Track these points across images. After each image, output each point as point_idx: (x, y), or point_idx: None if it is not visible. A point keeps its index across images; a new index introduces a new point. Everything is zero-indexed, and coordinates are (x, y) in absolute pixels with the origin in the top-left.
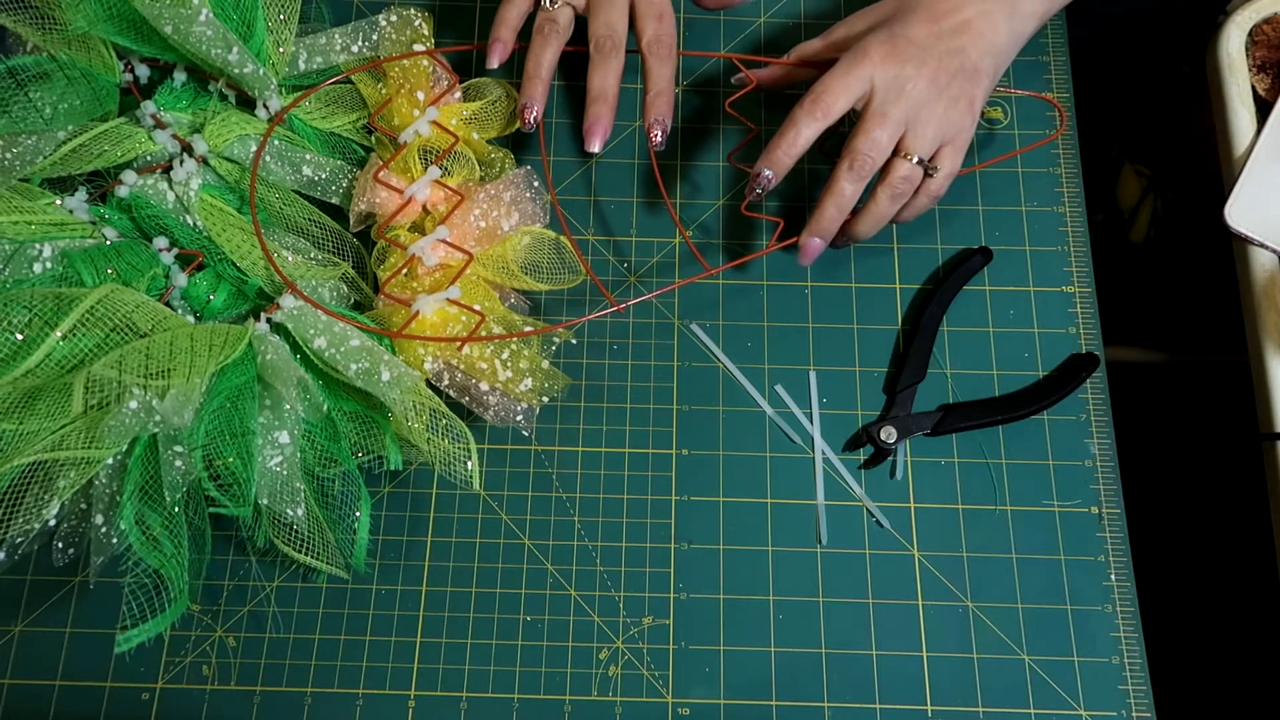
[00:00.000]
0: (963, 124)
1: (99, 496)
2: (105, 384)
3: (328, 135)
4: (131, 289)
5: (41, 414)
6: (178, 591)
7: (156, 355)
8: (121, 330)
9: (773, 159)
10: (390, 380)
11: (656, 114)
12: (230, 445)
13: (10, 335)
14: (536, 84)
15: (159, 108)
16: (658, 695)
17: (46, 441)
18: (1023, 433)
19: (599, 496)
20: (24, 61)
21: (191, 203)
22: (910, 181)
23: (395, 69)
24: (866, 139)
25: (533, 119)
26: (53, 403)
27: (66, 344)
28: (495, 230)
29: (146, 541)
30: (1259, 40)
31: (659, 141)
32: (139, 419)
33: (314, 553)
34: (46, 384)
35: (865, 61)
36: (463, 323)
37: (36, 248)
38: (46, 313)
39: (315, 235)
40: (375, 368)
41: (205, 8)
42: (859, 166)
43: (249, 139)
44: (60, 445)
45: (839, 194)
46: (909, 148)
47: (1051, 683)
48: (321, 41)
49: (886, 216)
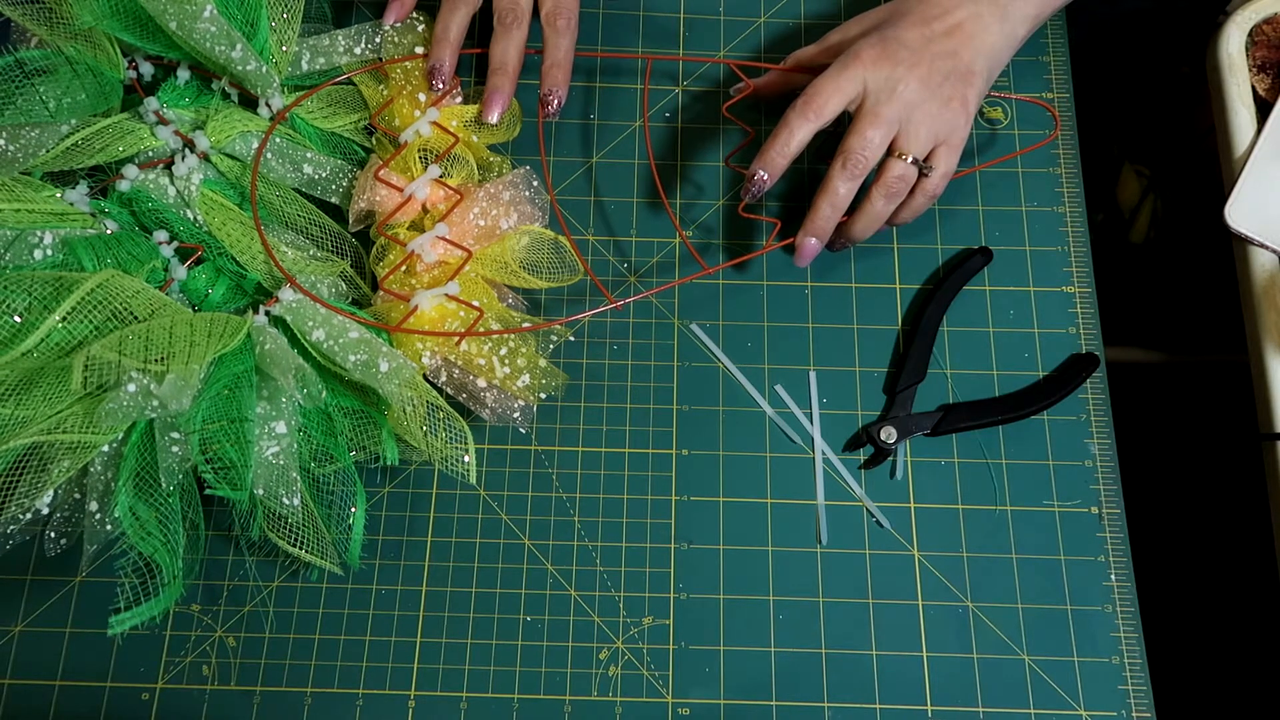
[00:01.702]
0: (956, 124)
1: (93, 485)
2: (105, 366)
3: (329, 135)
4: (131, 276)
5: (38, 398)
6: (170, 577)
7: (156, 340)
8: (120, 316)
9: (767, 160)
10: (388, 372)
11: (551, 84)
12: (227, 431)
13: (9, 318)
14: (444, 46)
15: (162, 104)
16: (658, 695)
17: (43, 425)
18: (1023, 433)
19: (599, 496)
20: (31, 54)
21: (192, 197)
22: (905, 181)
23: (397, 71)
24: (859, 138)
25: (441, 83)
26: (50, 387)
27: (65, 327)
28: (494, 229)
29: (140, 529)
30: (1259, 40)
31: (553, 112)
32: (137, 402)
33: (309, 547)
34: (44, 368)
35: (857, 63)
36: (461, 318)
37: (38, 235)
38: (46, 296)
39: (314, 235)
40: (374, 360)
41: (210, 5)
42: (852, 165)
43: (250, 136)
44: (57, 429)
45: (833, 193)
46: (902, 147)
47: (1051, 683)
48: (325, 43)
49: (882, 217)
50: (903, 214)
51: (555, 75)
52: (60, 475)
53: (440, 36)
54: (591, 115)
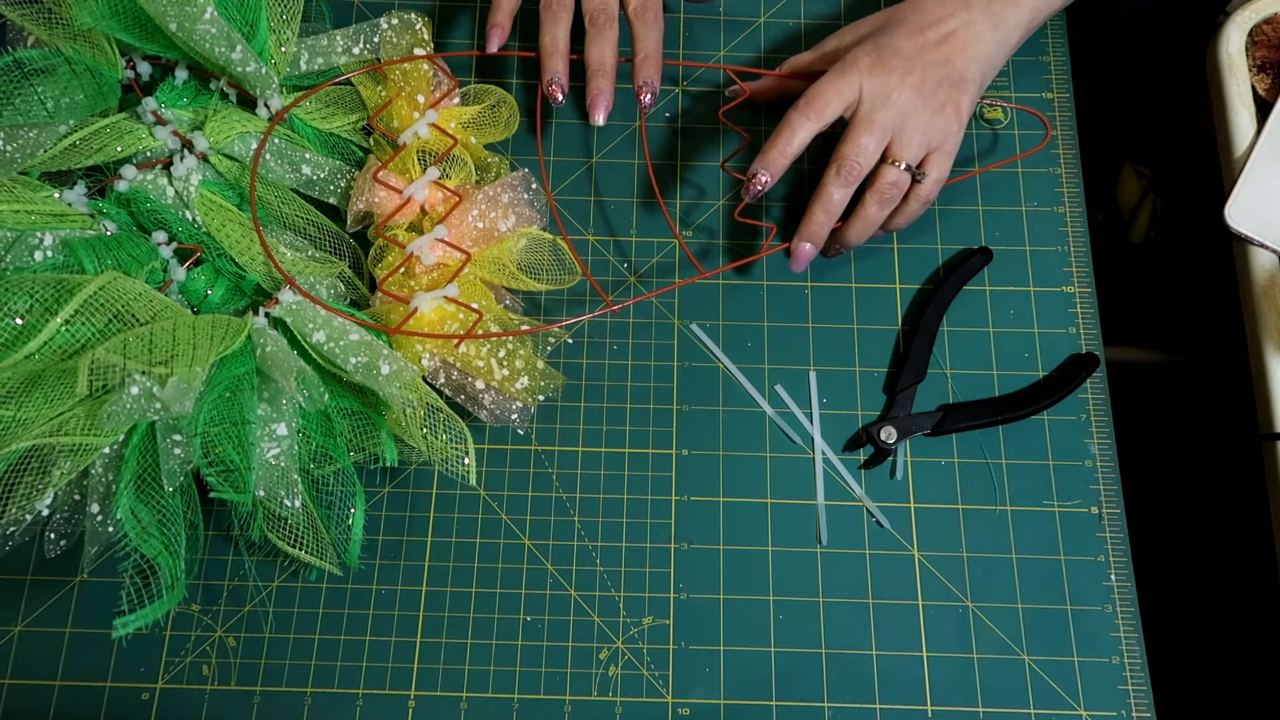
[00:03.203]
0: (949, 130)
1: (94, 486)
2: (109, 369)
3: (327, 136)
4: (132, 278)
5: (40, 401)
6: (173, 579)
7: (159, 343)
8: (122, 318)
9: (768, 160)
10: (389, 374)
11: (645, 77)
12: (229, 434)
13: (10, 320)
14: (556, 59)
15: (160, 104)
16: (658, 695)
17: (45, 427)
18: (1023, 433)
19: (599, 496)
20: (29, 54)
21: (191, 198)
22: (898, 187)
23: (395, 72)
24: (854, 145)
25: (562, 95)
26: (51, 390)
27: (67, 330)
28: (493, 231)
29: (142, 530)
30: (1259, 40)
31: (648, 103)
32: (140, 405)
33: (308, 548)
34: (46, 371)
35: (854, 70)
36: (460, 320)
37: (38, 236)
38: (48, 299)
39: (312, 235)
40: (374, 362)
41: (210, 6)
42: (846, 172)
43: (249, 137)
44: (59, 431)
45: (827, 199)
46: (896, 154)
47: (1051, 683)
48: (323, 43)
49: (876, 222)
50: (897, 220)
51: (648, 68)
52: (61, 478)
53: (550, 49)
54: None
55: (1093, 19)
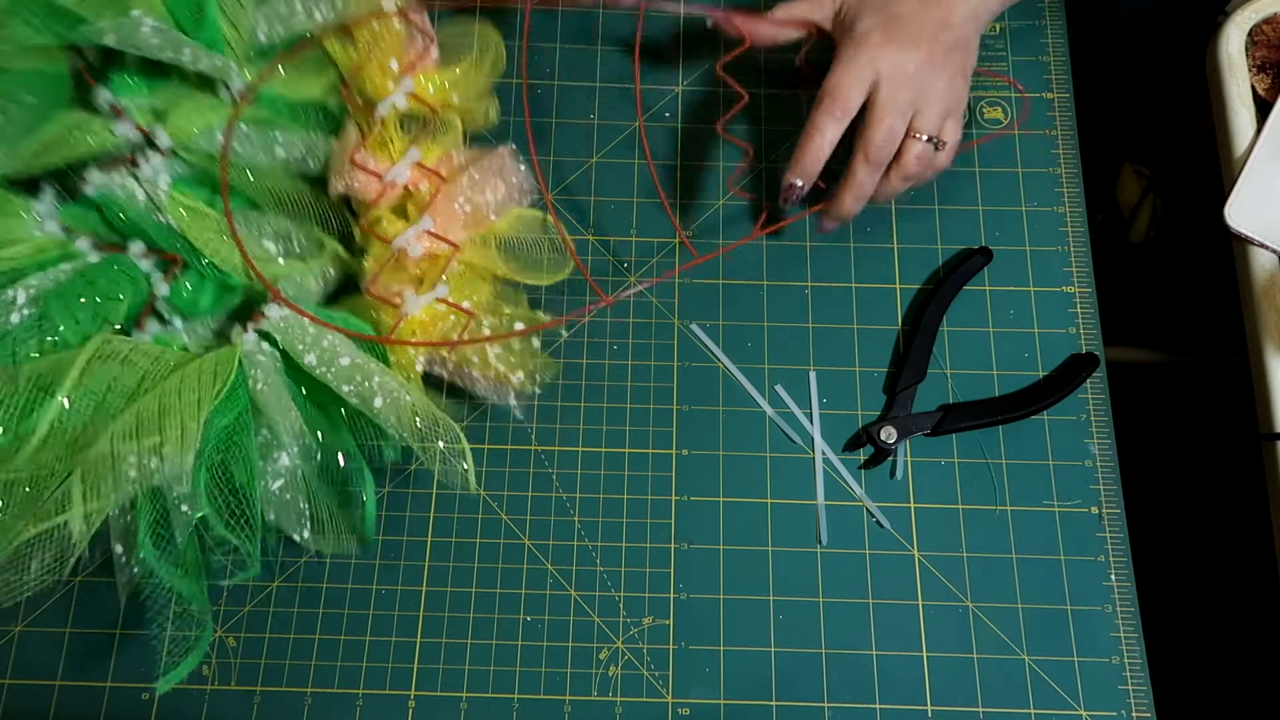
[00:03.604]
0: (962, 95)
1: (114, 525)
2: (101, 463)
3: (300, 104)
4: (119, 338)
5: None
6: (201, 615)
7: (146, 416)
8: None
9: (802, 166)
10: (383, 408)
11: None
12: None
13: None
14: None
15: (116, 96)
16: (658, 695)
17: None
18: (1023, 433)
19: (599, 496)
20: None
21: (163, 202)
22: (923, 161)
23: (364, 33)
24: (880, 130)
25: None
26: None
27: (69, 410)
28: (481, 212)
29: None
30: (1259, 40)
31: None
32: (141, 478)
33: (323, 531)
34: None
35: (865, 49)
36: (452, 318)
37: (11, 294)
38: (45, 382)
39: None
40: (368, 397)
41: (148, 20)
42: (875, 157)
43: (214, 131)
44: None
45: (858, 186)
46: (918, 127)
47: (1051, 683)
48: (282, 9)
49: (897, 193)
50: (908, 185)
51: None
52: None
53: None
54: (591, 115)
55: (1093, 19)
